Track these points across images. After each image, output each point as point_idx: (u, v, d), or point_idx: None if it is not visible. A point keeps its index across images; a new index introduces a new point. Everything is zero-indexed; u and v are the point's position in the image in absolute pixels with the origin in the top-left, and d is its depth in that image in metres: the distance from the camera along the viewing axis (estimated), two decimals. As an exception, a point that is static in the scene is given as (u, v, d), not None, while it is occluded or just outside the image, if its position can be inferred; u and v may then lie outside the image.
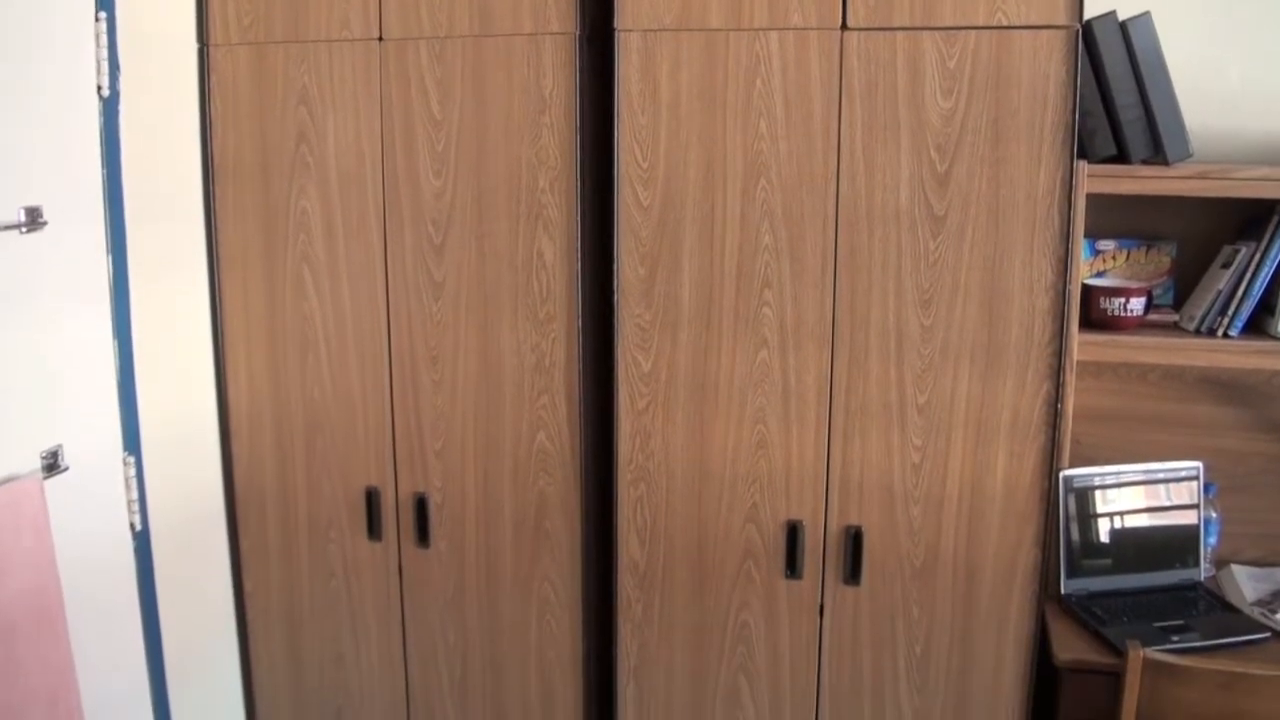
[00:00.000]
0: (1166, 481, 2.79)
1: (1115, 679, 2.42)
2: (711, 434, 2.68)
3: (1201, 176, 2.62)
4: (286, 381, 2.96)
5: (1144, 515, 2.78)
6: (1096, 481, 2.74)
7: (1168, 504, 2.79)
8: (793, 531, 2.67)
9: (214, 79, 2.87)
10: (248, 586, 3.13)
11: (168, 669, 2.84)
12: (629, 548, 2.78)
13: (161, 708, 2.84)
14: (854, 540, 2.64)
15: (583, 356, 2.72)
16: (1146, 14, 2.63)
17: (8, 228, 2.30)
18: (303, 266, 2.88)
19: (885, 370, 2.56)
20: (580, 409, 2.74)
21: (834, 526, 2.65)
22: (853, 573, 2.65)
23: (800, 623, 2.72)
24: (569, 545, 2.82)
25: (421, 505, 2.91)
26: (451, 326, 2.80)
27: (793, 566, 2.68)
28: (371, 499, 2.96)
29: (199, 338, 2.97)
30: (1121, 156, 2.65)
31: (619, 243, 2.64)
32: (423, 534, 2.93)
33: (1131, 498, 2.77)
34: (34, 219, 2.35)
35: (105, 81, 2.56)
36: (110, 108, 2.58)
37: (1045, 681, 2.63)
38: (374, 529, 2.97)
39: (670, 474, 2.72)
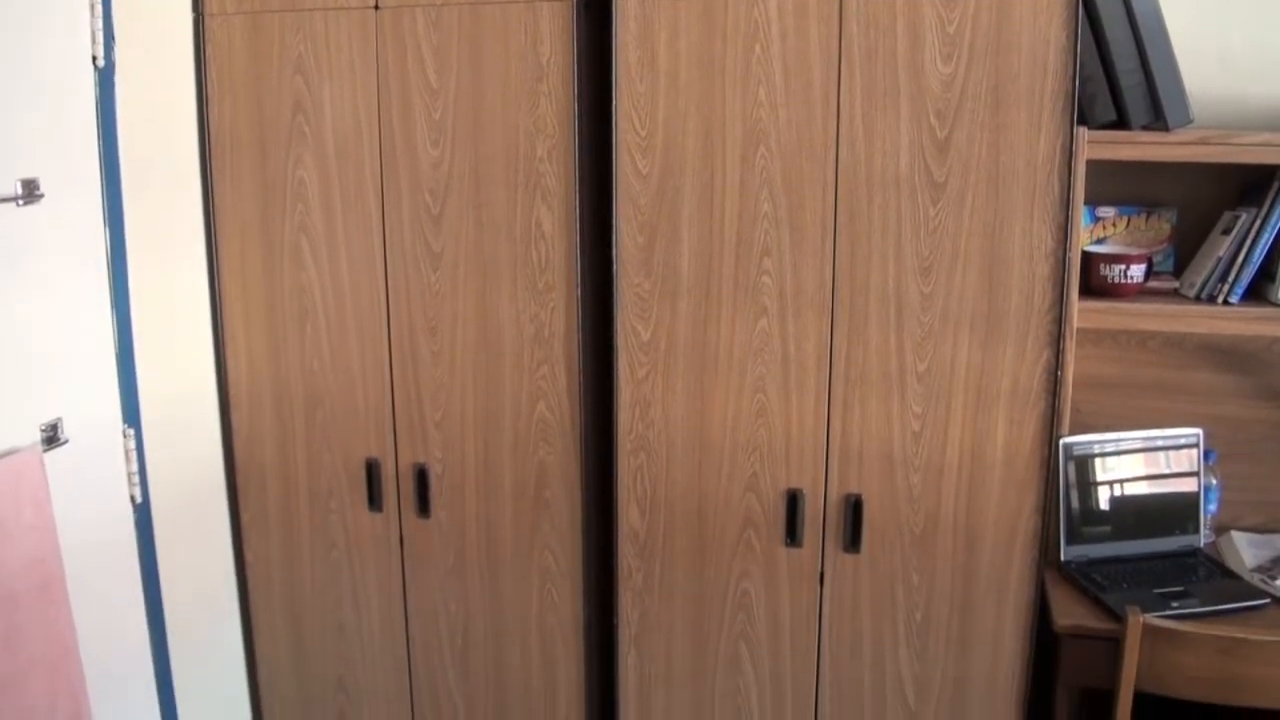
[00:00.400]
0: (1166, 448, 2.78)
1: (1115, 645, 2.43)
2: (711, 403, 2.67)
3: (1202, 142, 2.60)
4: (285, 352, 2.96)
5: (1144, 482, 2.77)
6: (1096, 449, 2.74)
7: (1168, 471, 2.78)
8: (793, 500, 2.67)
9: (210, 49, 2.85)
10: (249, 557, 3.14)
11: (170, 639, 2.85)
12: (629, 517, 2.79)
13: (164, 677, 2.85)
14: (854, 508, 2.64)
15: (582, 326, 2.71)
16: (1147, -22, 2.62)
17: (4, 200, 2.29)
18: (300, 237, 2.87)
19: (885, 338, 2.55)
20: (580, 379, 2.74)
21: (834, 495, 2.65)
22: (853, 540, 2.66)
23: (800, 590, 2.72)
24: (569, 514, 2.83)
25: (422, 476, 2.91)
26: (450, 297, 2.79)
27: (793, 535, 2.69)
28: (371, 470, 2.95)
29: (197, 309, 2.96)
30: (1121, 122, 2.63)
31: (618, 211, 2.64)
32: (423, 504, 2.93)
33: (1131, 465, 2.76)
34: (31, 191, 2.34)
35: (100, 52, 2.55)
36: (106, 78, 2.57)
37: (1044, 647, 2.64)
38: (374, 500, 2.98)
39: (670, 443, 2.72)
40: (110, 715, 2.63)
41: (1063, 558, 2.72)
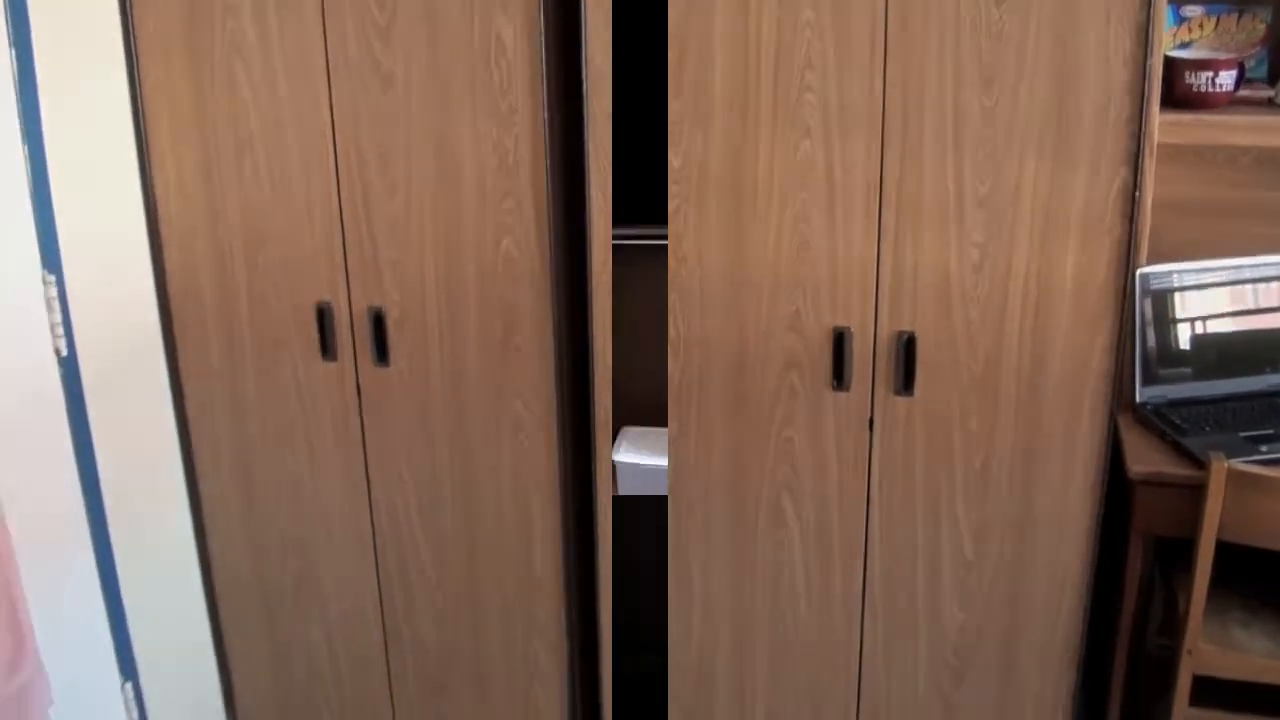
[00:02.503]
0: (1256, 280, 2.69)
1: (1195, 492, 2.38)
2: (749, 236, 2.51)
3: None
4: (222, 188, 2.77)
5: (1230, 317, 2.70)
6: (1177, 280, 2.63)
7: (1257, 305, 2.70)
8: (839, 339, 2.53)
9: None
10: (190, 412, 2.99)
11: (106, 500, 2.74)
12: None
13: (101, 541, 2.74)
14: (906, 347, 2.51)
15: (550, 153, 2.55)
16: None
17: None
18: (233, 57, 2.65)
19: (941, 160, 2.38)
20: (549, 213, 2.59)
21: (884, 333, 2.52)
22: (905, 383, 2.54)
23: (847, 437, 2.61)
24: (539, 360, 2.72)
25: (378, 320, 2.78)
26: (403, 122, 2.62)
27: (839, 377, 2.56)
28: (323, 315, 2.81)
29: (120, 139, 2.76)
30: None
31: (586, 22, 2.44)
32: (381, 352, 2.81)
33: (1216, 297, 2.68)
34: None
35: None
36: None
37: (1116, 495, 2.57)
38: (327, 347, 2.84)
39: (704, 279, 2.55)
40: (43, 584, 2.51)
41: (1138, 399, 2.64)
